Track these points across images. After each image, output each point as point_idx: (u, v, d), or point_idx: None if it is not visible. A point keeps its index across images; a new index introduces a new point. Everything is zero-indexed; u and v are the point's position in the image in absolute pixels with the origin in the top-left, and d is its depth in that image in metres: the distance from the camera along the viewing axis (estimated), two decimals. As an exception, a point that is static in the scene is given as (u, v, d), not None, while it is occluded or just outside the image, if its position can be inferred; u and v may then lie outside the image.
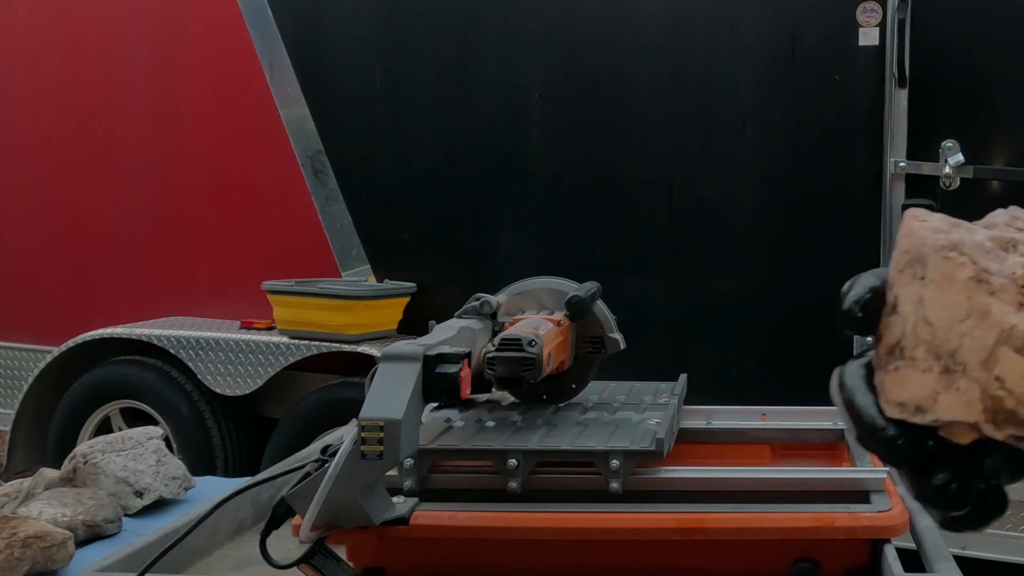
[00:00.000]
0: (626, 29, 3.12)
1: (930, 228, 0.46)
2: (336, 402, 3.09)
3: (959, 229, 0.46)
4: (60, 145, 3.83)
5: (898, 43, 2.77)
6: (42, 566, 1.14)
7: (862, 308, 0.47)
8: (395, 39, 3.34)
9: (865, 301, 0.48)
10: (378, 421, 0.83)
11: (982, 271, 0.43)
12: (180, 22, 3.64)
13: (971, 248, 0.45)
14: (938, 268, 0.44)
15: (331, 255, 3.42)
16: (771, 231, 3.00)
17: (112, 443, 1.47)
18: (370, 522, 0.87)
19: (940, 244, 0.45)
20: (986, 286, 0.43)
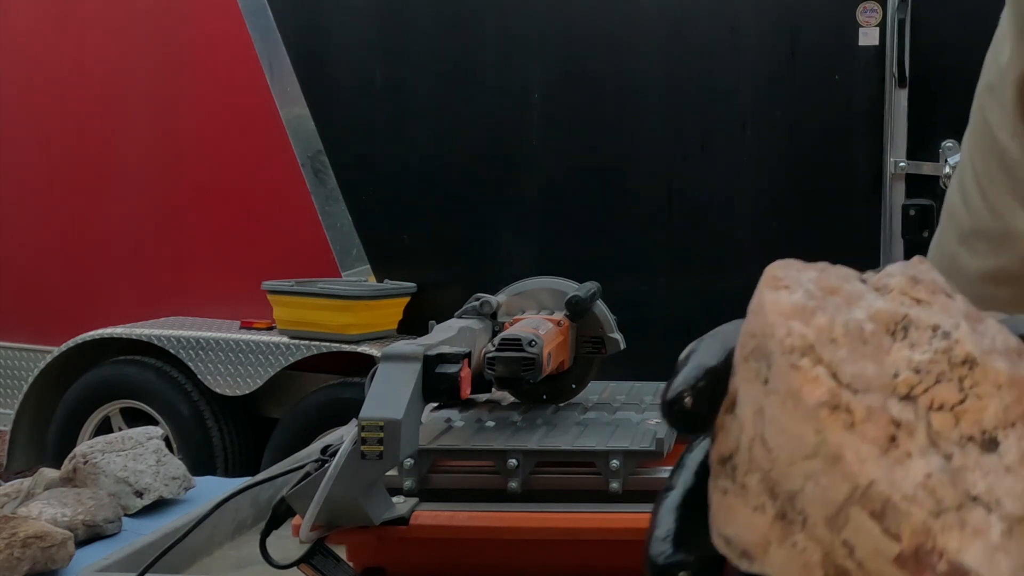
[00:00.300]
0: (626, 29, 3.12)
1: (785, 308, 0.32)
2: (336, 402, 3.09)
3: (831, 302, 0.32)
4: (60, 145, 3.83)
5: (898, 43, 2.77)
6: (42, 566, 1.14)
7: (694, 397, 0.33)
8: (395, 39, 3.34)
9: (699, 388, 0.33)
10: (378, 421, 0.83)
11: (841, 393, 0.30)
12: (180, 22, 3.64)
13: (837, 345, 0.31)
14: (783, 378, 0.30)
15: (331, 255, 3.42)
16: (771, 231, 3.00)
17: (112, 443, 1.47)
18: (370, 522, 0.87)
19: (790, 345, 0.31)
20: (843, 416, 0.30)
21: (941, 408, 0.30)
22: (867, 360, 0.31)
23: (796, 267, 0.34)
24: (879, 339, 0.31)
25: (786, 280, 0.33)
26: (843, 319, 0.32)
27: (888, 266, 0.34)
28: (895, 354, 0.31)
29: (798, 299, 0.32)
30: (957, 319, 0.32)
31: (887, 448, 0.30)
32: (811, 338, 0.31)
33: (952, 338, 0.31)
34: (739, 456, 0.32)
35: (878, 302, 0.32)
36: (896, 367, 0.31)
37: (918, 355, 0.31)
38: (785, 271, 0.33)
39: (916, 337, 0.31)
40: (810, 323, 0.31)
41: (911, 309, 0.32)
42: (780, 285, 0.33)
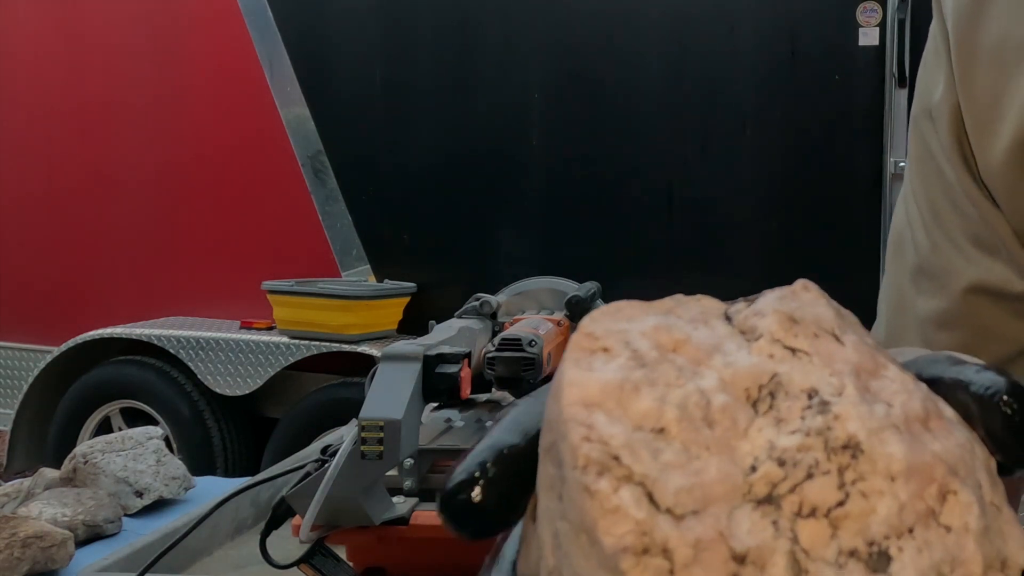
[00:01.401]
0: (626, 29, 3.12)
1: (588, 394, 0.23)
2: (336, 402, 3.09)
3: (666, 369, 0.23)
4: (60, 145, 3.83)
5: (898, 43, 2.77)
6: (42, 566, 1.14)
7: (484, 488, 0.24)
8: (395, 39, 3.34)
9: (491, 478, 0.24)
10: (378, 421, 0.83)
11: (655, 528, 0.21)
12: (180, 22, 3.64)
13: (665, 439, 0.22)
14: (576, 505, 0.22)
15: (331, 255, 3.42)
16: (771, 231, 3.00)
17: (112, 443, 1.47)
18: (370, 522, 0.87)
19: (584, 458, 0.22)
20: (657, 563, 0.21)
21: (813, 514, 0.22)
22: (710, 455, 0.22)
23: (628, 314, 0.25)
24: (733, 416, 0.23)
25: (604, 340, 0.24)
26: (680, 396, 0.23)
27: (762, 296, 0.26)
28: (754, 437, 0.23)
29: (611, 377, 0.23)
30: (843, 378, 0.23)
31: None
32: (616, 445, 0.22)
33: (831, 411, 0.23)
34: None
35: (739, 357, 0.24)
36: (754, 457, 0.22)
37: (784, 438, 0.22)
38: (608, 323, 0.24)
39: (785, 409, 0.23)
40: (624, 413, 0.22)
41: (782, 365, 0.24)
42: (595, 348, 0.24)
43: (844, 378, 0.23)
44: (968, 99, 0.57)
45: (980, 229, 0.58)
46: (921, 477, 0.22)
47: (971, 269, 0.58)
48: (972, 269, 0.58)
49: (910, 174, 0.64)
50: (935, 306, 0.60)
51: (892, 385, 0.24)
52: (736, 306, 0.26)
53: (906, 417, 0.23)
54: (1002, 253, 0.57)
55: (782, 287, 0.26)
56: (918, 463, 0.22)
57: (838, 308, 0.26)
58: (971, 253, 0.58)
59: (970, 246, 0.58)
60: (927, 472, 0.22)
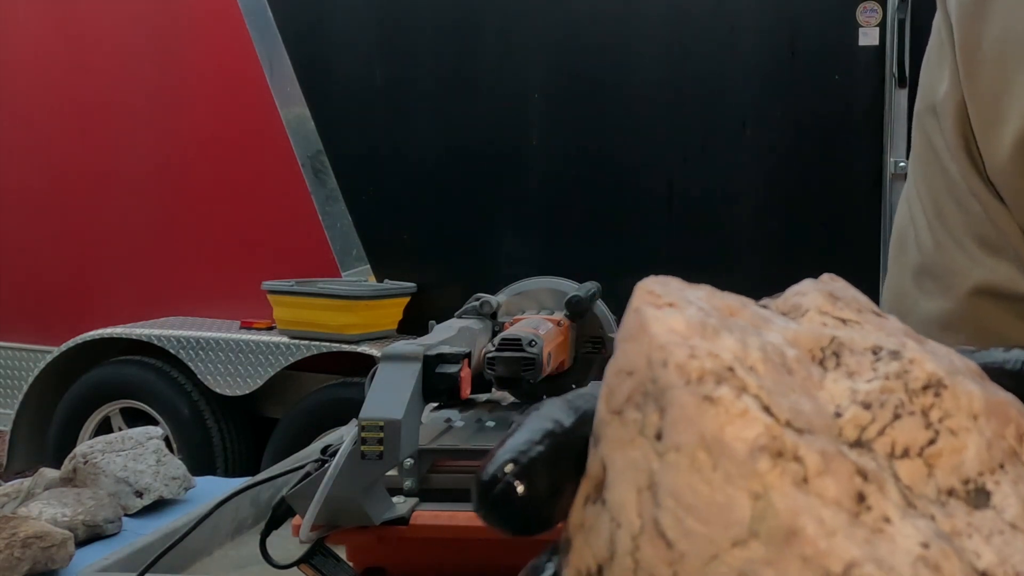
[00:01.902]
0: (626, 29, 3.12)
1: (680, 327, 0.22)
2: (336, 402, 3.09)
3: (734, 323, 0.23)
4: (60, 145, 3.83)
5: (898, 43, 2.77)
6: (42, 566, 1.14)
7: (527, 476, 0.21)
8: (395, 39, 3.34)
9: (534, 461, 0.22)
10: (378, 421, 0.83)
11: (783, 430, 0.20)
12: (180, 22, 3.64)
13: (758, 372, 0.22)
14: (691, 421, 0.20)
15: (331, 255, 3.42)
16: (771, 231, 3.00)
17: (112, 443, 1.47)
18: (370, 522, 0.87)
19: (698, 369, 0.21)
20: (792, 467, 0.20)
21: (907, 454, 0.22)
22: (801, 399, 0.21)
23: (677, 284, 0.24)
24: (807, 367, 0.22)
25: (667, 297, 0.23)
26: (757, 342, 0.22)
27: (793, 287, 0.26)
28: (831, 388, 0.22)
29: (693, 315, 0.22)
30: (900, 338, 0.24)
31: (858, 512, 0.20)
32: (726, 359, 0.21)
33: (904, 356, 0.23)
34: (616, 567, 0.21)
35: (794, 326, 0.24)
36: (837, 403, 0.22)
37: (864, 384, 0.22)
38: (664, 287, 0.24)
39: (854, 363, 0.23)
40: (717, 341, 0.22)
41: (838, 330, 0.24)
42: (660, 304, 0.23)
43: (902, 337, 0.24)
44: (973, 94, 0.56)
45: (985, 228, 0.57)
46: (1000, 417, 0.23)
47: (976, 269, 0.57)
48: (977, 269, 0.57)
49: (913, 172, 0.63)
50: (939, 307, 0.59)
51: (942, 349, 0.24)
52: (765, 300, 0.26)
53: (967, 368, 0.24)
54: (1008, 253, 0.56)
55: (808, 280, 0.26)
56: (995, 403, 0.23)
57: (868, 299, 0.26)
58: (976, 253, 0.57)
59: (975, 246, 0.57)
60: (1004, 412, 0.23)
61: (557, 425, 0.22)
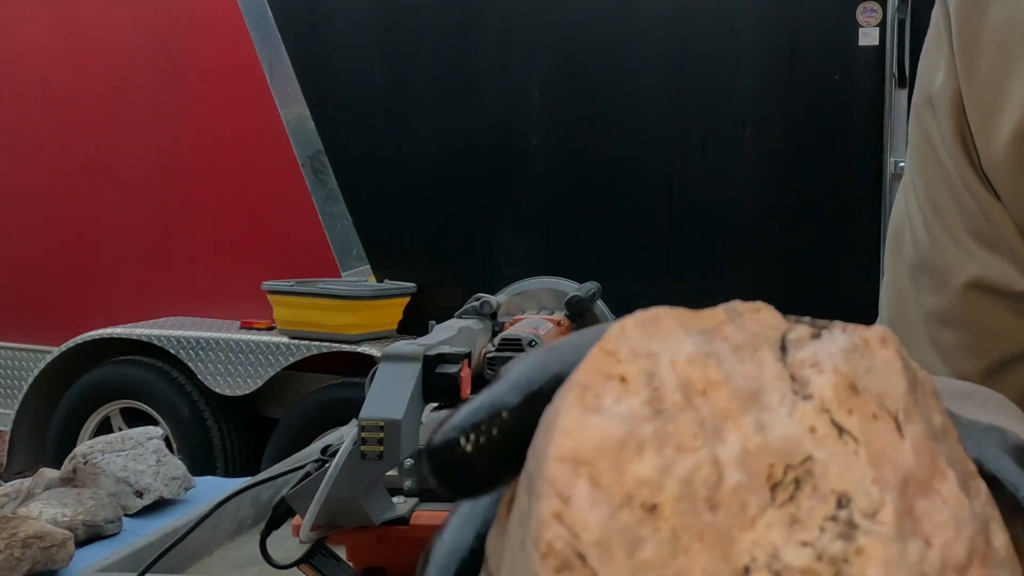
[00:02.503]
0: (626, 29, 3.12)
1: (580, 450, 0.19)
2: (336, 402, 3.09)
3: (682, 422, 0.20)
4: (60, 145, 3.83)
5: (898, 43, 2.77)
6: (42, 566, 1.14)
7: (475, 448, 0.22)
8: (395, 39, 3.34)
9: (482, 438, 0.22)
10: (378, 421, 0.83)
11: None
12: (180, 22, 3.64)
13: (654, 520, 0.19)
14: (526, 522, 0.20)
15: (331, 255, 3.42)
16: (771, 231, 3.00)
17: (112, 443, 1.47)
18: (370, 522, 0.87)
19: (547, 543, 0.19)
20: None
21: None
22: (700, 549, 0.18)
23: (665, 329, 0.21)
24: (743, 501, 0.19)
25: (626, 365, 0.20)
26: (688, 466, 0.19)
27: (832, 332, 0.22)
28: (761, 533, 0.19)
29: (614, 430, 0.19)
30: (886, 490, 0.19)
31: None
32: (586, 541, 0.18)
33: (856, 541, 0.19)
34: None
35: (776, 418, 0.20)
36: (751, 556, 0.18)
37: (792, 550, 0.19)
38: (637, 341, 0.20)
39: (805, 509, 0.19)
40: (617, 480, 0.19)
41: (821, 448, 0.20)
42: (612, 374, 0.20)
43: (887, 492, 0.19)
44: (970, 86, 0.55)
45: (981, 223, 0.56)
46: None
47: (971, 265, 0.56)
48: (972, 265, 0.56)
49: (910, 166, 0.62)
50: (936, 303, 0.58)
51: (941, 513, 0.20)
52: (798, 331, 0.22)
53: (943, 565, 0.19)
54: (1004, 249, 0.55)
55: (856, 328, 0.22)
56: None
57: (914, 376, 0.22)
58: (972, 248, 0.56)
59: (971, 241, 0.56)
60: None
61: (504, 404, 0.22)
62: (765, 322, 0.22)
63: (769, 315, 0.22)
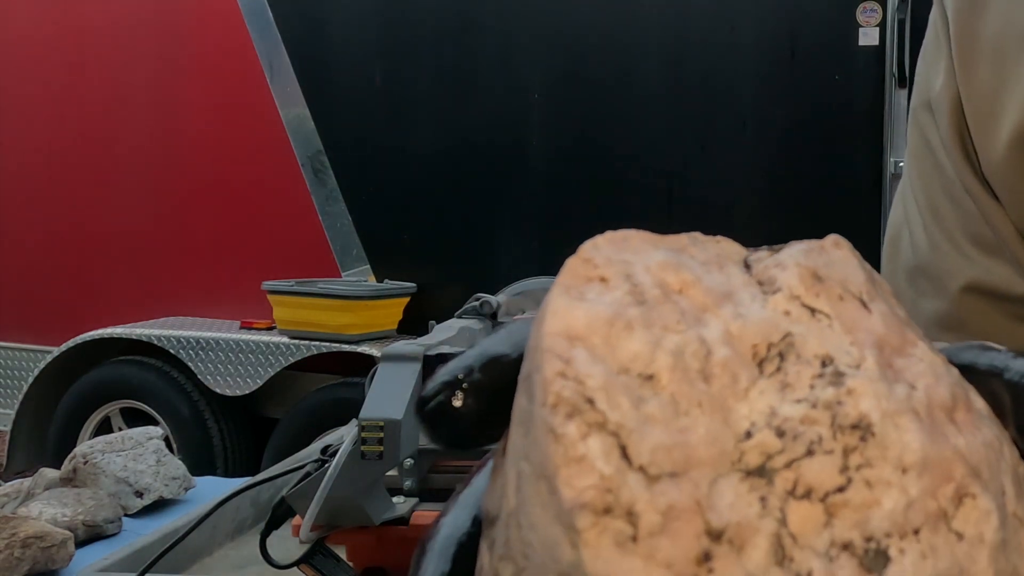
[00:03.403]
0: (626, 29, 3.12)
1: (573, 327, 0.20)
2: (336, 402, 3.09)
3: (666, 310, 0.20)
4: (60, 145, 3.83)
5: (898, 43, 2.77)
6: (42, 566, 1.14)
7: (466, 392, 0.22)
8: (395, 39, 3.34)
9: (475, 382, 0.22)
10: (378, 421, 0.83)
11: (621, 487, 0.18)
12: (180, 22, 3.64)
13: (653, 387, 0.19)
14: (538, 447, 0.19)
15: (331, 255, 3.42)
16: (771, 231, 3.00)
17: (112, 443, 1.47)
18: (370, 522, 0.87)
19: (554, 395, 0.19)
20: (617, 526, 0.18)
21: (808, 496, 0.19)
22: (700, 412, 0.19)
23: (634, 244, 0.22)
24: (734, 373, 0.20)
25: (603, 268, 0.21)
26: (677, 341, 0.20)
27: (788, 246, 0.23)
28: (754, 400, 0.20)
29: (602, 310, 0.20)
30: (863, 349, 0.20)
31: (696, 574, 0.18)
32: (592, 386, 0.19)
33: (845, 384, 0.20)
34: (499, 527, 0.21)
35: (751, 309, 0.21)
36: (753, 421, 0.19)
37: (788, 406, 0.20)
38: (610, 251, 0.21)
39: (793, 374, 0.20)
40: (610, 353, 0.19)
41: (797, 325, 0.21)
42: (591, 276, 0.21)
43: (865, 350, 0.21)
44: (969, 90, 0.55)
45: (981, 227, 0.56)
46: (937, 473, 0.19)
47: (971, 269, 0.56)
48: (972, 269, 0.56)
49: (908, 169, 0.62)
50: (935, 308, 0.58)
51: (918, 365, 0.21)
52: (758, 254, 0.23)
53: (929, 403, 0.20)
54: (1004, 253, 0.55)
55: (811, 240, 0.23)
56: (935, 457, 0.19)
57: (871, 272, 0.23)
58: (971, 252, 0.56)
59: (970, 245, 0.56)
60: (944, 468, 0.19)
61: (498, 355, 0.23)
62: (726, 248, 0.23)
63: (729, 244, 0.23)
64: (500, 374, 0.22)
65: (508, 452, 0.21)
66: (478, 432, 0.22)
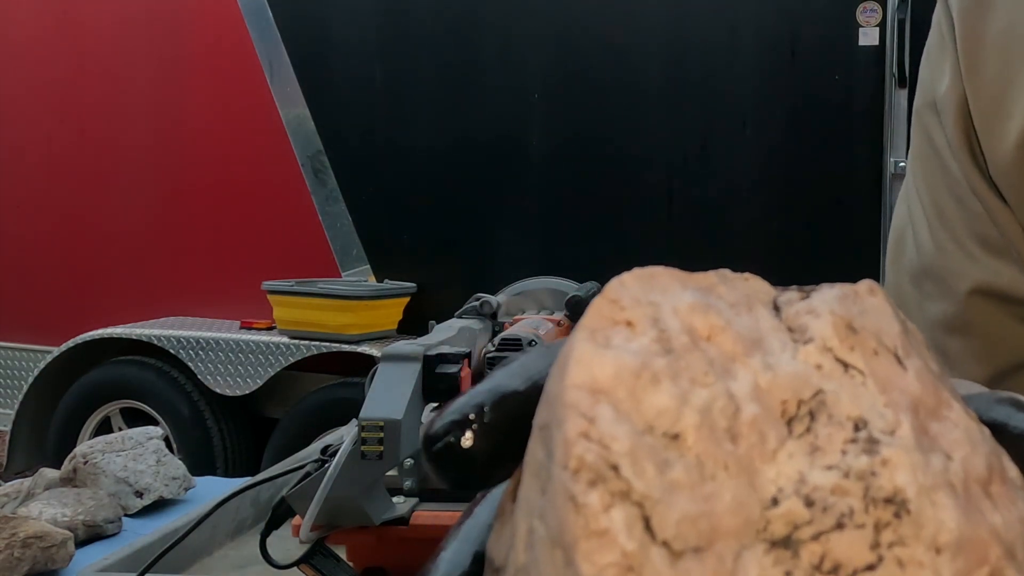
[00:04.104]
0: (626, 29, 3.12)
1: (598, 379, 0.19)
2: (336, 402, 3.09)
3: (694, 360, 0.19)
4: (60, 145, 3.83)
5: (898, 43, 2.77)
6: (42, 566, 1.14)
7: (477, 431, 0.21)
8: (395, 39, 3.34)
9: (490, 421, 0.21)
10: (378, 421, 0.83)
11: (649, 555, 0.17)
12: (180, 23, 3.64)
13: (677, 448, 0.18)
14: (556, 512, 0.18)
15: (331, 255, 3.42)
16: (771, 231, 3.00)
17: (112, 443, 1.47)
18: (370, 522, 0.87)
19: (577, 459, 0.18)
20: None
21: (835, 572, 0.18)
22: (727, 476, 0.18)
23: (663, 283, 0.21)
24: (762, 432, 0.19)
25: (631, 311, 0.20)
26: (705, 397, 0.19)
27: (819, 289, 0.22)
28: (783, 463, 0.19)
29: (629, 361, 0.19)
30: (899, 413, 0.19)
31: None
32: (617, 452, 0.18)
33: (880, 453, 0.19)
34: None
35: (782, 359, 0.20)
36: (780, 486, 0.18)
37: (818, 473, 0.19)
38: (638, 291, 0.21)
39: (824, 436, 0.19)
40: (636, 408, 0.18)
41: (829, 381, 0.20)
42: (617, 319, 0.20)
43: (900, 413, 0.19)
44: (975, 90, 0.55)
45: (987, 228, 0.55)
46: (972, 555, 0.18)
47: (977, 271, 0.55)
48: (978, 271, 0.55)
49: (912, 171, 0.61)
50: (941, 310, 0.57)
51: (954, 432, 0.20)
52: (787, 295, 0.22)
53: (965, 476, 0.19)
54: (1011, 254, 0.55)
55: (844, 284, 0.22)
56: (971, 537, 0.18)
57: (904, 322, 0.22)
58: (978, 254, 0.56)
59: (976, 247, 0.56)
60: (980, 550, 0.18)
61: (510, 390, 0.22)
62: (755, 287, 0.22)
63: (757, 282, 0.23)
64: (513, 412, 0.21)
65: (519, 501, 0.20)
66: (488, 474, 0.21)
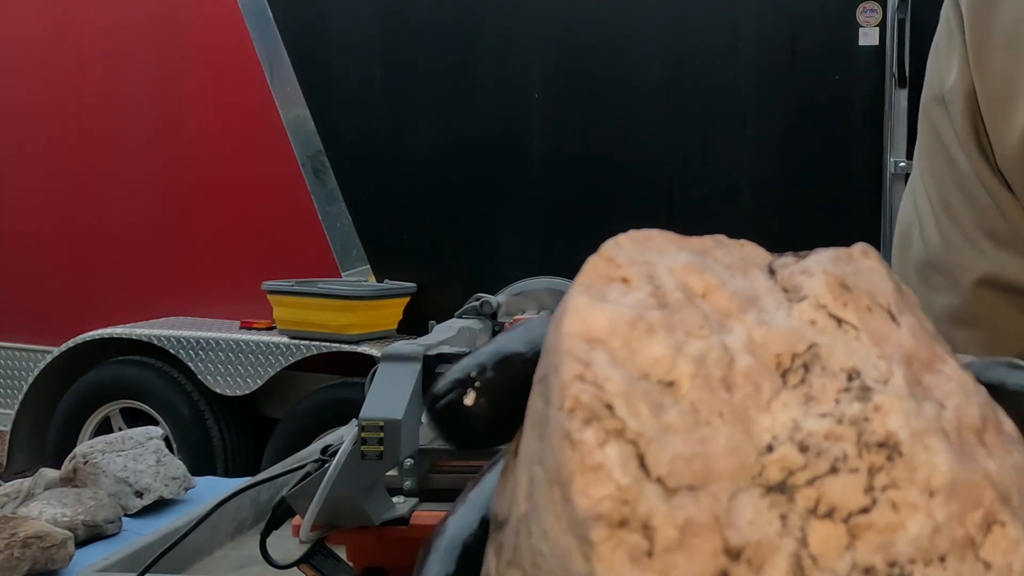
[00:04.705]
0: (626, 29, 3.12)
1: (593, 329, 0.19)
2: (336, 402, 3.09)
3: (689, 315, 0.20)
4: (60, 145, 3.83)
5: (898, 43, 2.77)
6: (42, 566, 1.14)
7: (478, 392, 0.21)
8: (395, 39, 3.34)
9: (488, 381, 0.21)
10: (378, 421, 0.83)
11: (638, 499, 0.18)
12: (180, 23, 3.64)
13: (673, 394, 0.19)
14: (553, 453, 0.18)
15: (331, 255, 3.42)
16: (771, 231, 3.00)
17: (112, 443, 1.47)
18: (370, 522, 0.87)
19: (572, 399, 0.18)
20: (632, 540, 0.17)
21: (830, 516, 0.18)
22: (721, 422, 0.18)
23: (658, 245, 0.21)
24: (757, 383, 0.19)
25: (626, 269, 0.20)
26: (699, 348, 0.19)
27: (814, 253, 0.22)
28: (777, 412, 0.19)
29: (623, 312, 0.19)
30: (891, 364, 0.20)
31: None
32: (612, 391, 0.18)
33: (872, 400, 0.19)
34: (508, 532, 0.20)
35: (776, 316, 0.20)
36: (775, 434, 0.19)
37: (812, 420, 0.19)
38: (634, 251, 0.21)
39: (818, 386, 0.19)
40: (631, 356, 0.19)
41: (823, 336, 0.20)
42: (612, 276, 0.20)
43: (893, 364, 0.20)
44: (984, 82, 0.55)
45: (994, 220, 0.55)
46: (965, 498, 0.18)
47: (984, 262, 0.56)
48: (985, 262, 0.55)
49: (919, 165, 0.61)
50: (948, 302, 0.57)
51: (948, 383, 0.20)
52: (783, 259, 0.22)
53: (959, 424, 0.19)
54: (1017, 245, 0.55)
55: (838, 247, 0.22)
56: (965, 481, 0.19)
57: (899, 283, 0.22)
58: (984, 246, 0.56)
59: (983, 239, 0.56)
60: (974, 493, 0.19)
61: (511, 351, 0.22)
62: (750, 252, 0.22)
63: (753, 247, 0.23)
64: (514, 373, 0.21)
65: (520, 454, 0.20)
66: (490, 432, 0.22)
